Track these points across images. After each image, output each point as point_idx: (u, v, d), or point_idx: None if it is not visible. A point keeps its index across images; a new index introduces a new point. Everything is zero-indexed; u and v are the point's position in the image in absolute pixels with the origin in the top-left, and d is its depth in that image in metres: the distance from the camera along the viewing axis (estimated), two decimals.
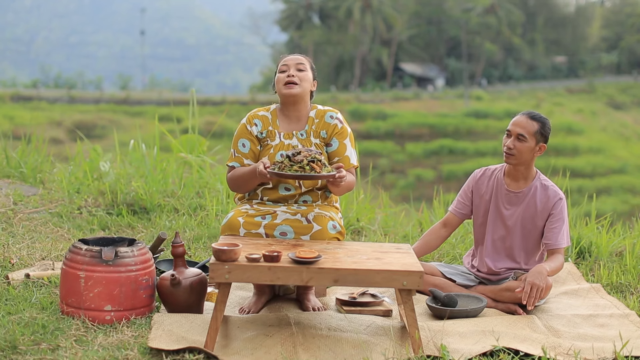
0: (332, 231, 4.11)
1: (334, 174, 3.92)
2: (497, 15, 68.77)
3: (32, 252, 4.93)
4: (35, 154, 7.57)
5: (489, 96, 60.36)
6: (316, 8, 69.90)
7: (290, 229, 4.09)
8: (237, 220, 4.11)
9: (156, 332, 3.60)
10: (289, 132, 4.33)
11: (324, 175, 3.89)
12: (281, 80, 4.29)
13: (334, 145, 4.31)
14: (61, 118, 44.82)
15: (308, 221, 4.11)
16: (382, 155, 44.77)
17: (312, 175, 3.88)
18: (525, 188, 4.44)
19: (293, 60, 4.32)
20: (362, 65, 68.19)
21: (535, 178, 4.45)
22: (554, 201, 4.39)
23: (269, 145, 4.30)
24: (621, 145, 49.87)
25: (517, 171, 4.43)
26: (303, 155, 3.94)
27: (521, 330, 3.88)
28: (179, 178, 6.84)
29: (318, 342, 3.61)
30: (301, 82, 4.27)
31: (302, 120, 4.36)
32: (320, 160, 3.96)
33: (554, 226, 4.37)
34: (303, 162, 3.91)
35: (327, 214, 4.19)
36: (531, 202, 4.42)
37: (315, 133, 4.32)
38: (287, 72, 4.29)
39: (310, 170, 3.91)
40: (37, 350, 3.37)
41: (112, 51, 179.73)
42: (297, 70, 4.29)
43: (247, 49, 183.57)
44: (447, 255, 5.45)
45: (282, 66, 4.33)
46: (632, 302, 4.45)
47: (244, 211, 4.18)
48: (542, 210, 4.40)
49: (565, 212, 4.41)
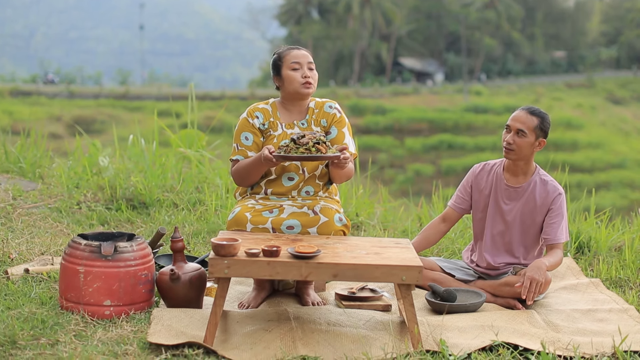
0: (338, 224, 4.13)
1: (339, 155, 3.94)
2: (496, 10, 68.74)
3: (32, 247, 4.93)
4: (35, 149, 7.56)
5: (488, 91, 60.36)
6: (315, 3, 69.87)
7: (297, 222, 4.10)
8: (245, 215, 4.12)
9: (155, 327, 3.60)
10: (290, 122, 4.35)
11: (329, 156, 3.91)
12: (297, 79, 4.28)
13: (333, 133, 4.33)
14: (60, 113, 44.79)
15: (315, 213, 4.13)
16: (381, 150, 44.75)
17: (318, 156, 3.89)
18: (525, 183, 4.44)
19: (305, 58, 4.31)
20: (361, 60, 68.17)
21: (534, 173, 4.45)
22: (553, 196, 4.39)
23: (272, 136, 4.31)
24: (620, 140, 49.87)
25: (516, 166, 4.43)
26: (308, 137, 3.96)
27: (520, 325, 3.88)
28: (178, 173, 6.84)
29: (317, 337, 3.61)
30: (314, 82, 4.31)
31: (303, 111, 4.39)
32: (325, 142, 3.98)
33: (553, 221, 4.37)
34: (309, 144, 3.93)
35: (334, 207, 4.21)
36: (530, 197, 4.42)
37: (316, 122, 4.36)
38: (302, 71, 4.28)
39: (316, 151, 3.93)
40: (37, 345, 3.37)
41: (111, 46, 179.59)
42: (309, 69, 4.31)
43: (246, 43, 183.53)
44: (446, 250, 5.45)
45: (293, 63, 4.29)
46: (631, 296, 4.45)
47: (250, 206, 4.19)
48: (542, 206, 4.40)
49: (564, 207, 4.41)
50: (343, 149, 4.03)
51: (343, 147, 4.04)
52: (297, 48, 4.38)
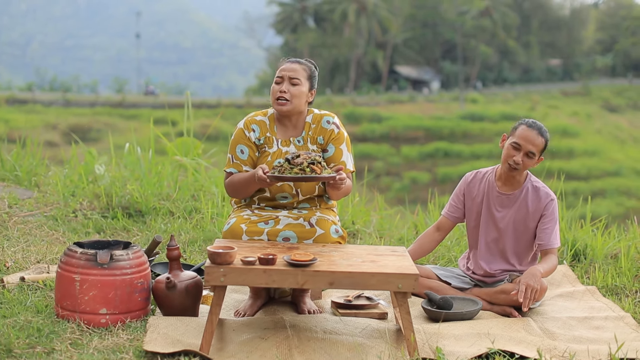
0: (334, 235, 4.12)
1: (335, 176, 3.90)
2: (492, 18, 68.87)
3: (27, 255, 4.92)
4: (30, 157, 7.56)
5: (484, 99, 60.42)
6: (311, 11, 69.94)
7: (293, 234, 4.08)
8: (240, 227, 4.10)
9: (151, 336, 3.60)
10: (286, 139, 4.29)
11: (324, 177, 3.87)
12: (274, 93, 4.21)
13: (330, 151, 4.28)
14: (56, 121, 44.75)
15: (311, 225, 4.11)
16: (377, 158, 44.77)
17: (313, 177, 3.85)
18: (517, 190, 4.46)
19: (288, 72, 4.21)
20: (357, 68, 68.23)
21: (526, 180, 4.48)
22: (546, 202, 4.41)
23: (266, 153, 4.26)
24: (616, 147, 49.95)
25: (511, 176, 4.45)
26: (303, 157, 3.92)
27: (516, 333, 3.88)
28: (174, 181, 6.84)
29: (313, 345, 3.60)
30: (292, 98, 4.17)
31: (299, 126, 4.32)
32: (320, 162, 3.94)
33: (546, 227, 4.39)
34: (303, 164, 3.88)
35: (330, 218, 4.19)
36: (523, 204, 4.43)
37: (312, 139, 4.29)
38: (280, 86, 4.20)
39: (311, 172, 3.88)
40: (32, 353, 3.36)
41: (107, 55, 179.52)
42: (291, 84, 4.19)
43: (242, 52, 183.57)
44: (442, 257, 5.45)
45: (277, 77, 4.23)
46: (627, 304, 4.46)
47: (245, 217, 4.17)
48: (534, 212, 4.41)
49: (556, 212, 4.43)
50: (339, 169, 3.98)
51: (339, 167, 3.99)
52: (291, 61, 4.28)
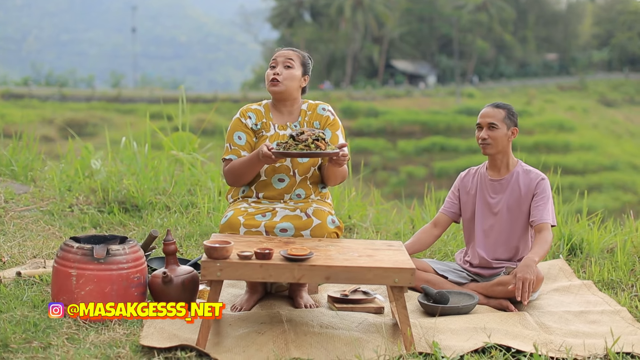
0: (331, 225, 4.13)
1: (338, 152, 3.93)
2: (488, 12, 68.87)
3: (24, 250, 4.92)
4: (27, 152, 7.55)
5: (481, 93, 60.44)
6: (307, 5, 69.90)
7: (290, 225, 4.09)
8: (237, 219, 4.11)
9: (148, 330, 3.60)
10: (282, 124, 4.36)
11: (329, 153, 3.90)
12: (268, 76, 4.35)
13: (327, 135, 4.31)
14: (52, 116, 44.68)
15: (308, 216, 4.13)
16: (373, 153, 44.77)
17: (317, 152, 3.88)
18: (507, 175, 4.56)
19: (282, 56, 4.36)
20: (353, 62, 68.20)
21: (516, 165, 4.59)
22: (537, 181, 4.49)
23: (264, 137, 4.32)
24: (612, 142, 50.00)
25: (496, 160, 4.56)
26: (307, 134, 3.94)
27: (513, 327, 3.88)
28: (171, 176, 6.83)
29: (310, 340, 3.60)
30: (284, 80, 4.30)
31: (295, 113, 4.40)
32: (324, 139, 3.97)
33: (538, 204, 4.45)
34: (308, 140, 3.92)
35: (326, 209, 4.21)
36: (515, 187, 4.52)
37: (308, 124, 4.36)
38: (274, 69, 4.33)
39: (316, 147, 3.91)
40: (29, 348, 3.36)
41: (103, 49, 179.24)
42: (285, 67, 4.32)
43: (238, 46, 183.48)
44: (439, 252, 5.46)
45: (272, 61, 4.37)
46: (623, 298, 4.46)
47: (242, 210, 4.18)
48: (526, 193, 4.49)
49: (548, 190, 4.48)
50: (342, 146, 4.03)
51: (342, 144, 4.05)
52: (285, 49, 4.43)
